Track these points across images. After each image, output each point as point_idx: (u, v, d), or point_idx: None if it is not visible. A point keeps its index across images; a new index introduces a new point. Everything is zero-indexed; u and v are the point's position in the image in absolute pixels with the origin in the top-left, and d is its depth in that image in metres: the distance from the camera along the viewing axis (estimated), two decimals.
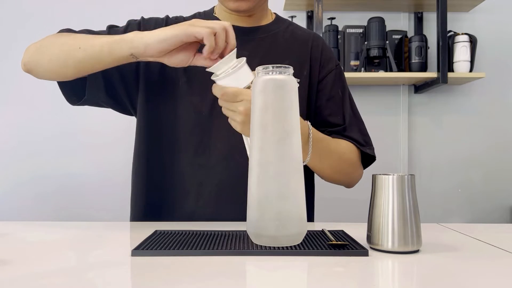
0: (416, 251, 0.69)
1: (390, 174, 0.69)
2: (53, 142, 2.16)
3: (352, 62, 2.11)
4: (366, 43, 2.06)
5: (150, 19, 1.09)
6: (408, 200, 0.68)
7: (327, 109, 1.09)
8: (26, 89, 2.17)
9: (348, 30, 2.12)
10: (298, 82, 1.05)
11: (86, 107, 1.08)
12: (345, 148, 1.04)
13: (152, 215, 1.05)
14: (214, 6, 1.15)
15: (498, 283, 0.55)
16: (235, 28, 1.07)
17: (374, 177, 0.71)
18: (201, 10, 1.16)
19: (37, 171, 2.17)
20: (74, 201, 2.15)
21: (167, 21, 1.09)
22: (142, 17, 1.10)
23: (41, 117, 2.17)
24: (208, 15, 1.13)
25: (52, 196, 2.15)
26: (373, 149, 1.09)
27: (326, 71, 1.11)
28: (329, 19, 2.11)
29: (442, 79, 1.98)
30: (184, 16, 1.13)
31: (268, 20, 1.12)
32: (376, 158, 1.11)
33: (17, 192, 2.16)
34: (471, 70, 2.06)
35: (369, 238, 0.71)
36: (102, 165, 2.13)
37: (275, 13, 1.16)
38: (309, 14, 2.21)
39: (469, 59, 2.04)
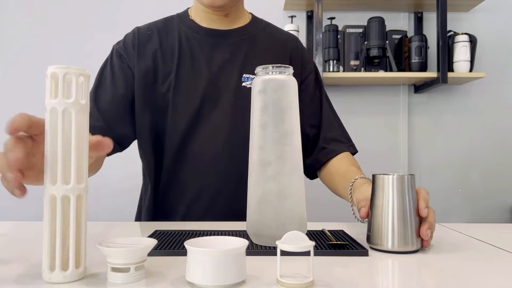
0: (416, 251, 0.69)
1: (390, 174, 0.69)
2: None
3: (352, 62, 2.11)
4: (366, 43, 2.06)
5: (125, 45, 1.06)
6: (408, 200, 0.68)
7: (309, 109, 1.10)
8: (26, 88, 2.17)
9: (348, 30, 2.12)
10: None
11: None
12: (354, 164, 1.05)
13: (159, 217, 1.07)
14: (188, 8, 1.12)
15: (498, 283, 0.55)
16: (213, 31, 1.07)
17: (374, 177, 0.71)
18: (174, 13, 1.12)
19: None
20: None
21: (139, 33, 1.06)
22: (124, 39, 1.07)
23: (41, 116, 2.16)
24: (182, 18, 1.09)
25: None
26: (353, 143, 1.12)
27: (307, 73, 1.12)
28: (329, 19, 2.11)
29: (442, 79, 1.98)
30: (155, 20, 1.10)
31: (245, 21, 1.11)
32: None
33: None
34: (471, 70, 2.06)
35: (369, 238, 0.71)
36: (103, 165, 2.12)
37: (251, 13, 1.14)
38: (309, 14, 2.21)
39: (469, 59, 2.04)
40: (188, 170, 1.03)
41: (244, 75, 1.04)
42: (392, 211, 0.68)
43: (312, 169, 1.12)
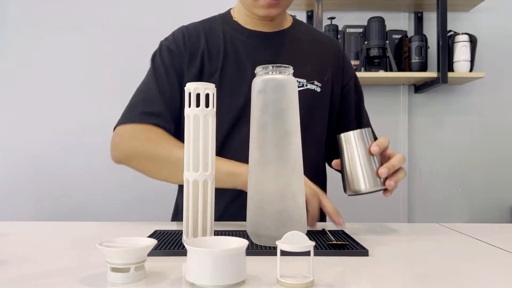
0: (385, 189, 0.81)
1: (350, 131, 0.81)
2: (54, 141, 2.16)
3: (352, 62, 2.11)
4: (366, 42, 2.06)
5: (176, 42, 1.06)
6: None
7: (352, 112, 1.15)
8: (26, 88, 2.17)
9: (348, 30, 2.12)
10: (320, 87, 1.07)
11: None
12: None
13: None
14: (230, 9, 1.12)
15: (498, 283, 0.55)
16: (257, 33, 1.08)
17: (338, 137, 0.82)
18: (217, 14, 1.12)
19: (37, 171, 2.16)
20: (74, 201, 2.14)
21: (188, 33, 1.06)
22: (173, 35, 1.08)
23: (41, 117, 2.16)
24: (225, 19, 1.10)
25: (52, 196, 2.15)
26: None
27: (348, 78, 1.14)
28: (329, 18, 2.11)
29: (442, 79, 1.98)
30: (198, 21, 1.10)
31: (287, 22, 1.12)
32: None
33: (17, 192, 2.16)
34: (471, 70, 2.06)
35: (345, 188, 0.83)
36: (103, 165, 2.12)
37: (291, 15, 1.15)
38: (309, 14, 2.21)
39: (469, 59, 2.04)
40: None
41: None
42: (359, 159, 0.80)
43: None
